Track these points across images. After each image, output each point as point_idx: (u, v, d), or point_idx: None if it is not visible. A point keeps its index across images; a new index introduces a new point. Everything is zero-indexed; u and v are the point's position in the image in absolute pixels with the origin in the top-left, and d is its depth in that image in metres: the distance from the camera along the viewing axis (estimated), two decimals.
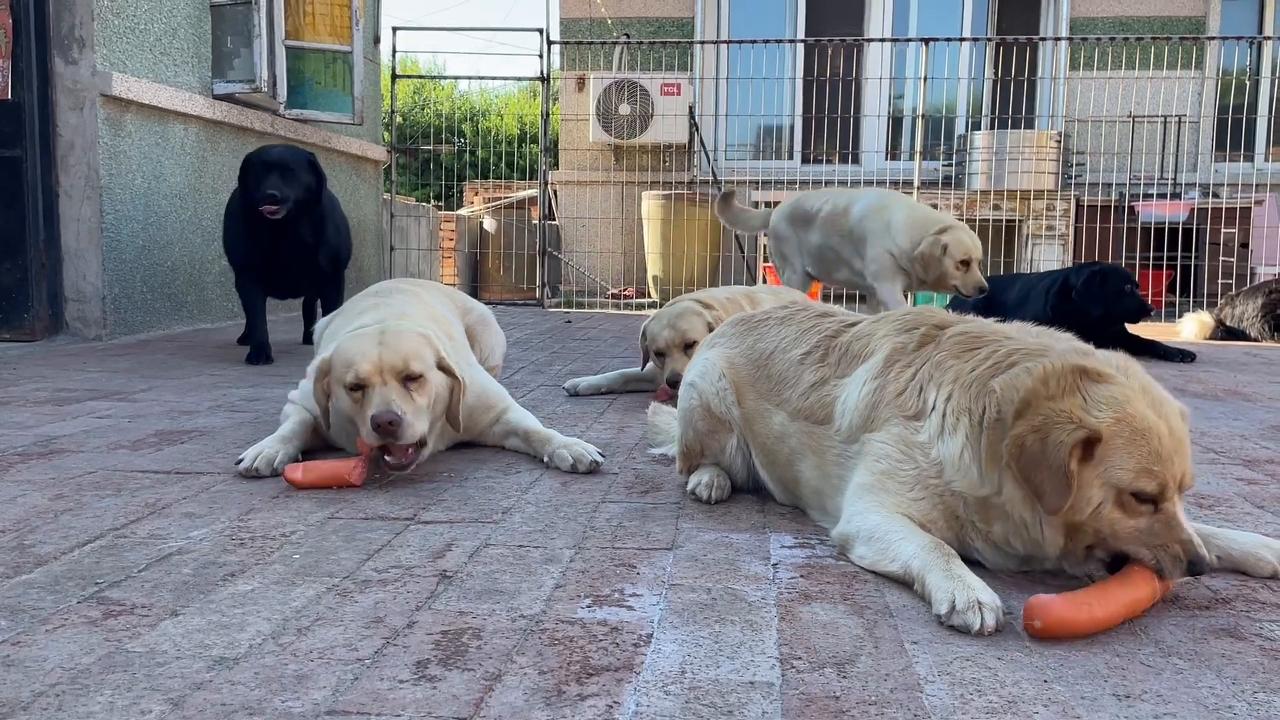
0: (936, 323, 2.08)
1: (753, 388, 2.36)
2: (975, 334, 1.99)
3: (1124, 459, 1.68)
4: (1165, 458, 1.69)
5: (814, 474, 2.18)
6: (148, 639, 1.55)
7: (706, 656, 1.51)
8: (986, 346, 1.93)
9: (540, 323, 7.79)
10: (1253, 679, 1.46)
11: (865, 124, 11.44)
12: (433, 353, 2.65)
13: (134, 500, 2.36)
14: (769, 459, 2.34)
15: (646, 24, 11.54)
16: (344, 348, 2.62)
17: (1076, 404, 1.71)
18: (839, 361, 2.18)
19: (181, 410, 3.55)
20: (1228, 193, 10.05)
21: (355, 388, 2.55)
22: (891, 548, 1.83)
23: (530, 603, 1.73)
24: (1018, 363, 1.84)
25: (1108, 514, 1.71)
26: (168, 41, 6.20)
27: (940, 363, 1.95)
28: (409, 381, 2.57)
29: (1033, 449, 1.70)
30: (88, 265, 5.65)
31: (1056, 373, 1.76)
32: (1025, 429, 1.72)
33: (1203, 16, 10.98)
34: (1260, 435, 3.40)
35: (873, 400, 2.01)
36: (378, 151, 9.22)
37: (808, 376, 2.21)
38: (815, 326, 2.32)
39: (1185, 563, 1.68)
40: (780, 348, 2.33)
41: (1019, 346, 1.89)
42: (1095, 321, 5.53)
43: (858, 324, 2.25)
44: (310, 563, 1.92)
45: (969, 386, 1.87)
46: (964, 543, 1.90)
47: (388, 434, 2.46)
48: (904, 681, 1.43)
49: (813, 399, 2.17)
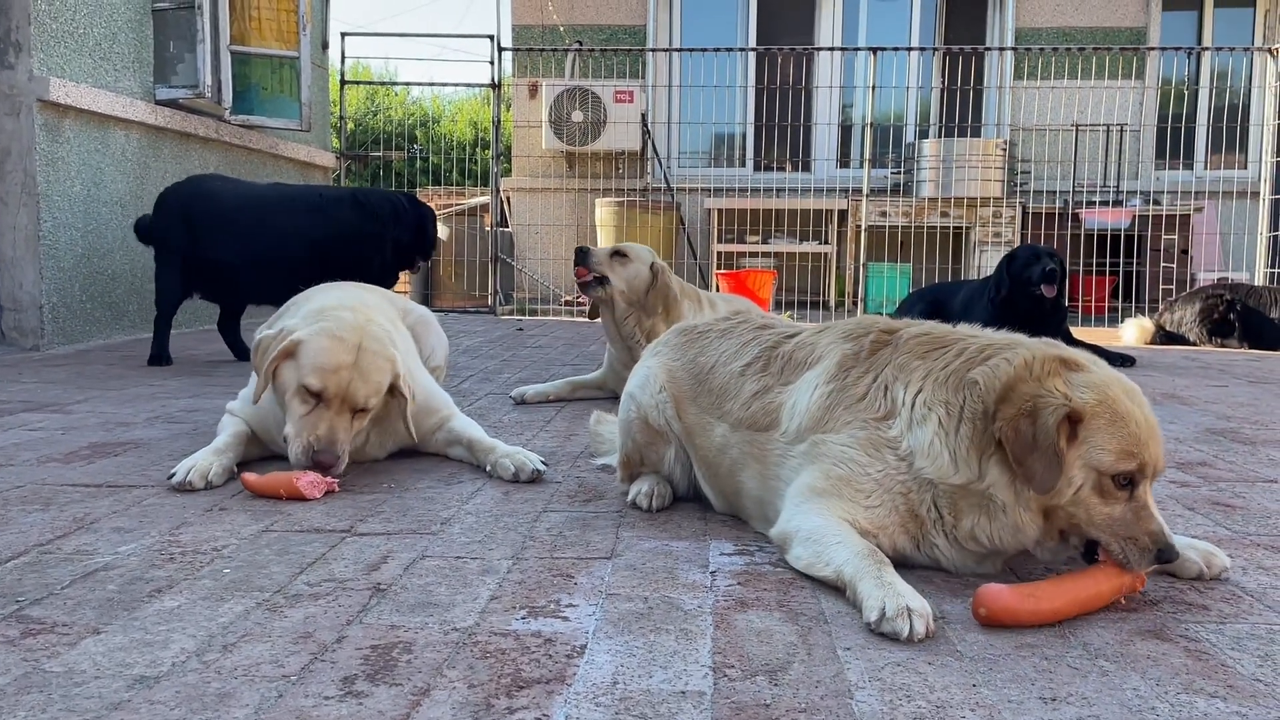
0: (884, 328, 2.10)
1: (694, 401, 2.36)
2: (938, 335, 2.03)
3: (1105, 439, 1.75)
4: (1143, 441, 1.76)
5: (756, 483, 2.18)
6: (67, 658, 1.51)
7: (639, 666, 1.50)
8: (954, 345, 1.97)
9: (491, 330, 7.75)
10: (1176, 680, 1.48)
11: (816, 132, 11.53)
12: (391, 379, 2.64)
13: (62, 515, 2.30)
14: (711, 471, 2.34)
15: (599, 31, 11.54)
16: (319, 348, 2.55)
17: (1060, 385, 1.78)
18: (781, 370, 2.18)
19: (118, 422, 3.48)
20: (1168, 200, 10.26)
21: (313, 395, 2.53)
22: (827, 551, 1.83)
23: (464, 615, 1.71)
24: (993, 355, 1.89)
25: (1085, 497, 1.77)
26: (108, 46, 6.09)
27: (904, 364, 1.97)
28: (359, 412, 2.57)
29: (1025, 431, 1.75)
30: (24, 274, 5.52)
31: (1037, 360, 1.83)
32: (1014, 412, 1.77)
33: (1144, 27, 11.21)
34: (1195, 439, 3.47)
35: (828, 403, 2.01)
36: (326, 158, 9.12)
37: (749, 387, 2.22)
38: (755, 339, 2.33)
39: (1154, 552, 1.73)
40: (721, 361, 2.33)
41: (990, 342, 1.95)
42: (1026, 299, 5.72)
43: (798, 334, 2.26)
44: (241, 577, 1.88)
45: (944, 381, 1.90)
46: (923, 544, 1.92)
47: (319, 470, 2.50)
48: (835, 688, 1.44)
49: (754, 408, 2.18)
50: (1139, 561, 1.74)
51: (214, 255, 4.85)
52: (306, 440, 2.50)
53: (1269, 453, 3.24)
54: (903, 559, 1.92)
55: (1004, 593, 1.67)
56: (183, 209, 4.89)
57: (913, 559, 1.94)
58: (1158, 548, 1.73)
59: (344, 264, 4.59)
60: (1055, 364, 1.83)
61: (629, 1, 11.52)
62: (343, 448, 2.52)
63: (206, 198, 4.93)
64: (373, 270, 4.74)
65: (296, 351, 2.57)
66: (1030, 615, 1.67)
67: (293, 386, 2.55)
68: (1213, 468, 3.00)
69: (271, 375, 2.59)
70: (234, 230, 4.82)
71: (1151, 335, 7.18)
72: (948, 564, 1.93)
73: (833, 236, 10.57)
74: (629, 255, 3.98)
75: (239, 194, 5.01)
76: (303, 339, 2.57)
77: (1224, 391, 4.68)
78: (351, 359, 2.55)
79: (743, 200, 10.66)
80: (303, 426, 2.53)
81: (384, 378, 2.62)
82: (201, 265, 4.90)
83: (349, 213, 4.89)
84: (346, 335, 2.59)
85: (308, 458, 2.50)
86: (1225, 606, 1.80)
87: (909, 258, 10.14)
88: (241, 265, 4.82)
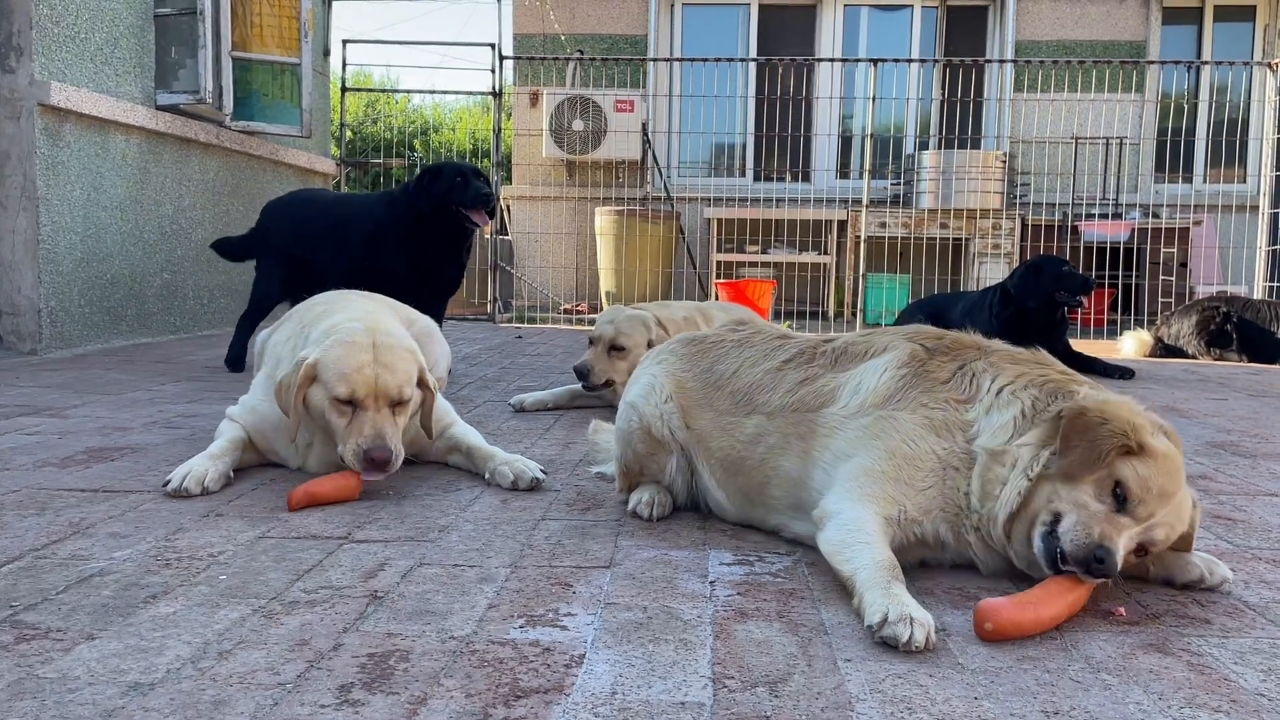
0: (955, 336, 2.18)
1: (710, 407, 2.35)
2: (1034, 355, 2.12)
3: (1142, 468, 1.80)
4: (1163, 499, 1.81)
5: (796, 462, 2.15)
6: (61, 664, 1.49)
7: (638, 677, 1.49)
8: (1055, 366, 2.08)
9: (490, 338, 7.74)
10: (1179, 694, 1.47)
11: (816, 142, 11.56)
12: (418, 369, 2.64)
13: (58, 520, 2.29)
14: (732, 469, 2.30)
15: (600, 40, 11.57)
16: (337, 357, 2.54)
17: (1147, 428, 1.86)
18: (835, 361, 2.23)
19: (115, 427, 3.46)
20: (1167, 213, 10.28)
21: (346, 402, 2.52)
22: (852, 548, 1.83)
23: (462, 623, 1.69)
24: (1102, 390, 1.98)
25: (1085, 484, 1.81)
26: (109, 51, 6.09)
27: (996, 363, 2.05)
28: (397, 406, 2.56)
29: (1092, 419, 1.83)
30: (23, 278, 5.51)
31: (1142, 410, 1.92)
32: (1096, 408, 1.85)
33: (1143, 41, 11.24)
34: (1195, 452, 3.46)
35: (901, 385, 2.06)
36: (326, 164, 9.12)
37: (793, 376, 2.24)
38: (784, 344, 2.37)
39: (1094, 544, 1.74)
40: (745, 365, 2.35)
41: (1078, 377, 2.05)
42: (1043, 311, 5.72)
43: (835, 338, 2.32)
44: (237, 584, 1.87)
45: (1039, 384, 1.98)
46: (958, 539, 1.95)
47: (376, 469, 2.47)
48: (835, 700, 1.42)
49: (802, 392, 2.20)
50: (1077, 542, 1.75)
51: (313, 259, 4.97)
52: (355, 443, 2.49)
53: (1270, 466, 3.23)
54: (942, 548, 1.97)
55: (1005, 606, 1.67)
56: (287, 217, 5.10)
57: (951, 548, 1.97)
58: (1100, 543, 1.74)
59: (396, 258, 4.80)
60: (1157, 422, 1.90)
61: (630, 11, 11.55)
62: (394, 442, 2.50)
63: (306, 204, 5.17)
64: (425, 259, 4.82)
65: (316, 371, 2.56)
66: (1034, 624, 1.68)
67: (325, 404, 2.54)
68: (1214, 481, 2.99)
69: (302, 403, 2.57)
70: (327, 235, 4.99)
71: (1150, 348, 7.18)
72: (982, 565, 1.96)
73: (832, 247, 10.58)
74: (625, 347, 3.91)
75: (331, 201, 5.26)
76: (318, 357, 2.57)
77: (1224, 405, 4.67)
78: (370, 357, 2.55)
79: (742, 210, 10.67)
80: (349, 434, 2.51)
81: (409, 366, 2.61)
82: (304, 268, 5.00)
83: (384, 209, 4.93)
84: (359, 339, 2.60)
85: (361, 460, 2.47)
86: (1228, 620, 1.79)
87: (908, 269, 10.15)
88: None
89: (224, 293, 7.48)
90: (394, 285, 4.31)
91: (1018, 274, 5.91)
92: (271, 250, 5.08)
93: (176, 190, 6.88)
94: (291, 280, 4.95)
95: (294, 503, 2.42)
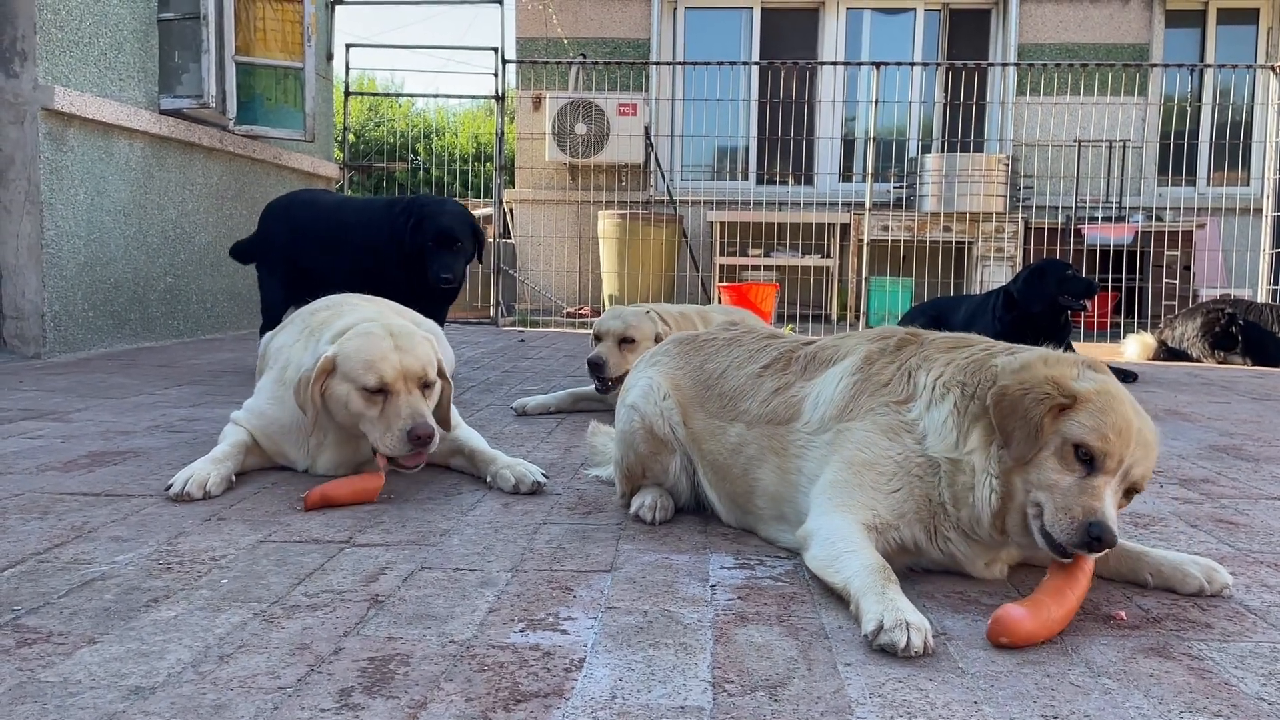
0: (910, 332, 2.17)
1: (701, 407, 2.36)
2: (963, 338, 2.09)
3: (1086, 418, 1.78)
4: (1123, 437, 1.77)
5: (773, 477, 2.17)
6: (62, 668, 1.50)
7: (638, 681, 1.49)
8: (980, 343, 2.05)
9: (493, 341, 7.75)
10: (1179, 699, 1.47)
11: (819, 146, 11.55)
12: (436, 356, 2.65)
13: (60, 523, 2.29)
14: (720, 474, 2.33)
15: (603, 44, 11.57)
16: (358, 348, 2.56)
17: (1069, 374, 1.83)
18: (805, 368, 2.23)
19: (118, 430, 3.47)
20: (1171, 216, 10.26)
21: (376, 391, 2.52)
22: (840, 559, 1.83)
23: (462, 627, 1.70)
24: (1017, 353, 1.96)
25: (1045, 459, 1.79)
26: (113, 56, 6.10)
27: (929, 356, 2.04)
28: (425, 388, 2.57)
29: (1013, 396, 1.81)
30: (26, 281, 5.53)
31: (1056, 355, 1.89)
32: (1013, 381, 1.83)
33: (1146, 44, 11.23)
34: (1197, 455, 3.46)
35: (853, 392, 2.06)
36: (329, 168, 9.14)
37: (769, 384, 2.25)
38: (768, 346, 2.37)
39: (1084, 526, 1.72)
40: (732, 366, 2.36)
41: (1015, 347, 2.01)
42: (1047, 315, 5.72)
43: (814, 341, 2.32)
44: (238, 588, 1.87)
45: (964, 366, 1.97)
46: (937, 537, 1.94)
47: (422, 445, 2.48)
48: (835, 704, 1.42)
49: (775, 403, 2.20)
50: (1066, 531, 1.74)
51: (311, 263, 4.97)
52: (398, 426, 2.49)
53: (1272, 470, 3.22)
54: (919, 552, 1.96)
55: (1024, 619, 1.65)
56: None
57: (928, 553, 1.96)
58: (1088, 521, 1.72)
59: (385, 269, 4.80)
60: (1075, 360, 1.89)
61: (633, 15, 11.55)
62: (430, 419, 2.53)
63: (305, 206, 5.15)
64: (396, 277, 4.80)
65: (336, 364, 2.57)
66: (1046, 631, 1.67)
67: (350, 397, 2.54)
68: (1216, 484, 2.99)
69: (319, 397, 2.58)
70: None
71: (1154, 351, 7.17)
72: (962, 558, 1.95)
73: (835, 250, 10.57)
74: (636, 339, 3.93)
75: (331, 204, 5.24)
76: (337, 351, 2.59)
77: (1227, 408, 4.66)
78: (391, 344, 2.58)
79: (745, 213, 10.66)
80: (384, 422, 2.52)
81: (429, 351, 2.64)
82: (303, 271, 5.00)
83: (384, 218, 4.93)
84: (375, 330, 2.63)
85: (405, 442, 2.48)
86: (1228, 625, 1.78)
87: (911, 272, 10.14)
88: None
89: (227, 297, 7.49)
90: (395, 290, 4.32)
91: (1021, 277, 5.91)
92: (271, 254, 5.08)
93: (180, 194, 6.89)
94: (292, 283, 4.96)
95: (310, 504, 2.43)
